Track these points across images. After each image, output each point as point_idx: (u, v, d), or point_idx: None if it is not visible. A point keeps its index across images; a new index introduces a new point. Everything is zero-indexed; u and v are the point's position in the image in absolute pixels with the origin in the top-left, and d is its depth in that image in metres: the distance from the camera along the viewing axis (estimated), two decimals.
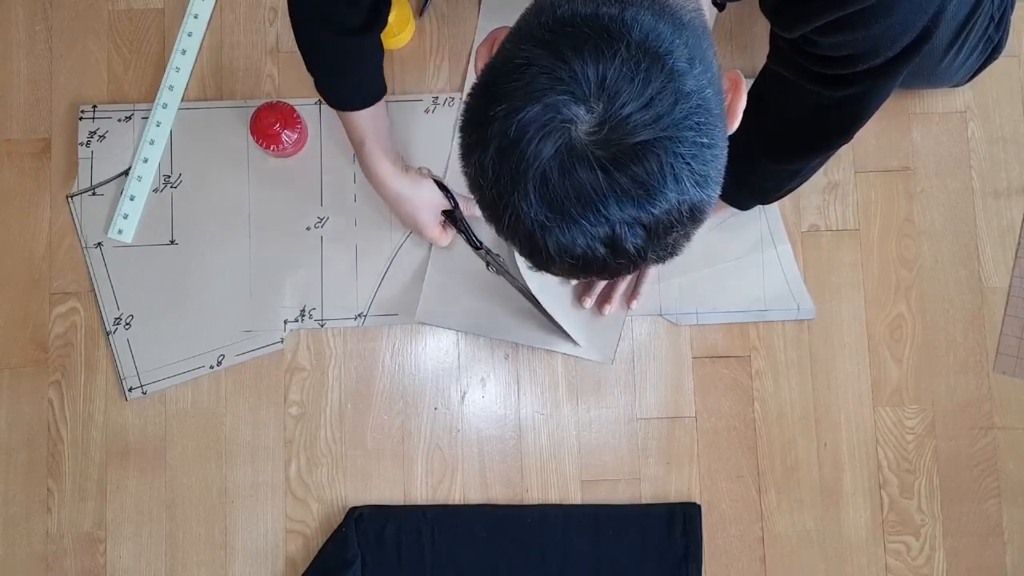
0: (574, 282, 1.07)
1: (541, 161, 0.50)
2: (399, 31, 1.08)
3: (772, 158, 0.89)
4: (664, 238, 0.53)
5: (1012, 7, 0.95)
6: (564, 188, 0.50)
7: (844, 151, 1.10)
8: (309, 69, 0.91)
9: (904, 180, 1.11)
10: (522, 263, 0.76)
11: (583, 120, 0.50)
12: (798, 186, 0.98)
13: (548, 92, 0.50)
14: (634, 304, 1.06)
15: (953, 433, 1.08)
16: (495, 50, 0.57)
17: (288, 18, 0.87)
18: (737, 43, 1.12)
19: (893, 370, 1.08)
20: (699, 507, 1.05)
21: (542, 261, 0.54)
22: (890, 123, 1.11)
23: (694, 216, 0.53)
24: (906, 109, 1.11)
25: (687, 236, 0.55)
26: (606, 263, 0.53)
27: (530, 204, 0.51)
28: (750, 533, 1.06)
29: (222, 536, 1.05)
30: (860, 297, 1.09)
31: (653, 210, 0.50)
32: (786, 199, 1.09)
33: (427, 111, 1.10)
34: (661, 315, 1.08)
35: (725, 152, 0.55)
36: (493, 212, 0.54)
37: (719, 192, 0.54)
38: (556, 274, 0.56)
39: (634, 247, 0.52)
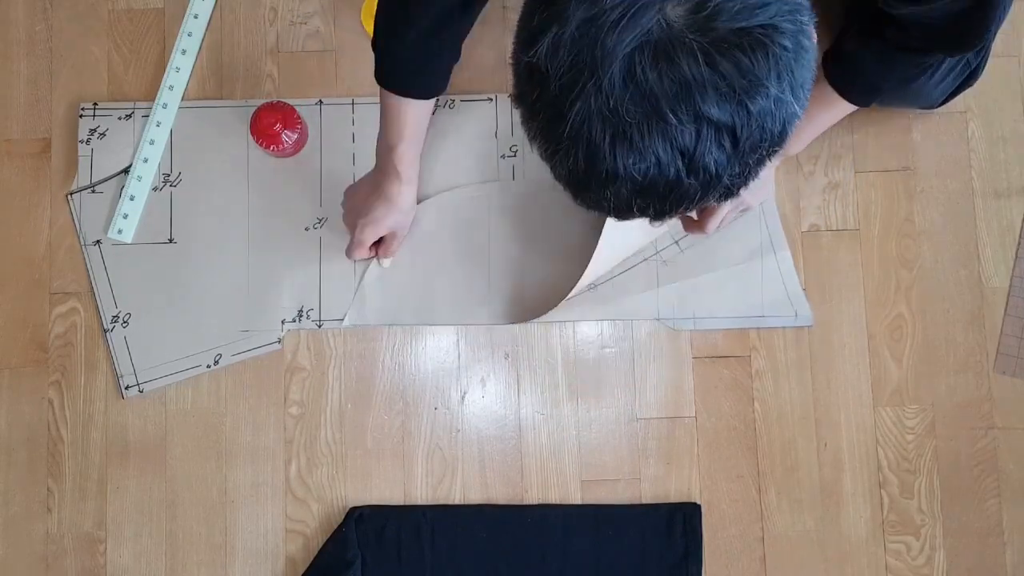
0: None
1: (631, 42, 0.44)
2: None
3: (906, 52, 0.83)
4: (747, 156, 0.48)
5: (994, 35, 0.94)
6: (657, 76, 0.44)
7: (844, 151, 1.11)
8: (380, 43, 0.87)
9: (904, 180, 1.11)
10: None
11: (679, 0, 0.44)
12: (922, 82, 0.93)
13: None
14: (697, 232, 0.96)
15: (953, 433, 1.08)
16: None
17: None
18: None
19: (893, 370, 1.08)
20: (699, 507, 1.05)
21: (600, 180, 0.48)
22: (890, 123, 1.11)
23: (783, 133, 0.48)
24: (906, 109, 1.11)
25: (763, 163, 0.50)
26: (677, 182, 0.47)
27: (611, 95, 0.45)
28: (750, 533, 1.06)
29: (222, 536, 1.05)
30: (860, 297, 1.09)
31: (752, 107, 0.45)
32: (786, 199, 1.10)
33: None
34: (659, 320, 1.08)
35: (814, 71, 0.50)
36: (555, 112, 0.47)
37: (803, 111, 0.50)
38: (606, 201, 0.50)
39: (715, 161, 0.47)
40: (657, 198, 0.49)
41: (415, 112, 0.92)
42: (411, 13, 0.83)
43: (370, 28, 1.07)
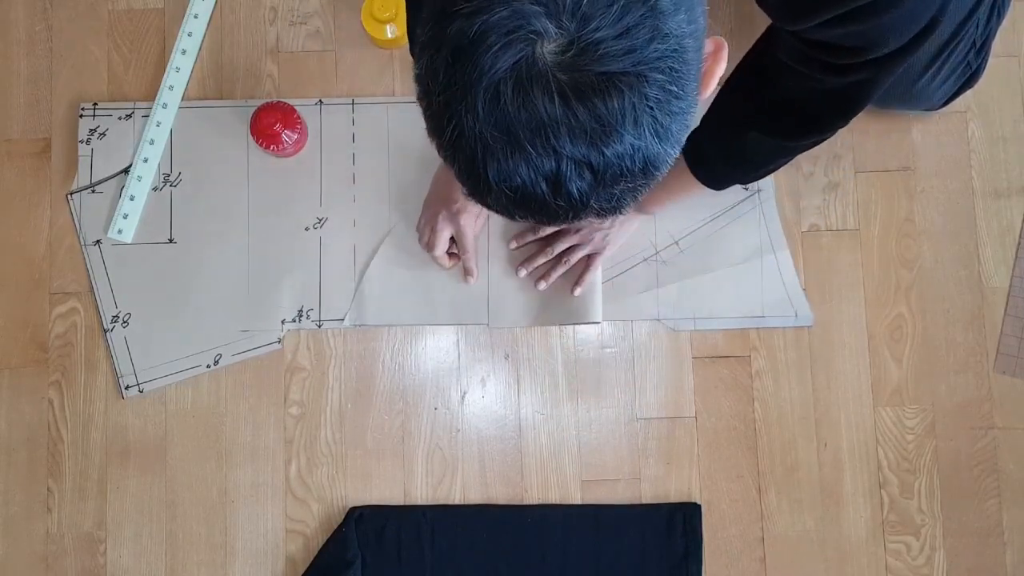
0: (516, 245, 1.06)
1: (497, 71, 0.46)
2: (401, 31, 1.08)
3: (767, 131, 0.86)
4: (611, 187, 0.49)
5: (994, 35, 0.94)
6: (516, 107, 0.46)
7: (844, 151, 1.10)
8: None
9: (904, 180, 1.11)
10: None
11: (551, 36, 0.46)
12: (782, 166, 0.94)
13: None
14: (577, 291, 1.04)
15: (953, 433, 1.08)
16: None
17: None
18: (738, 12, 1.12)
19: (893, 370, 1.08)
20: (699, 507, 1.05)
21: (480, 187, 0.51)
22: (890, 123, 1.11)
23: (646, 171, 0.50)
24: (907, 111, 1.11)
25: (635, 192, 0.51)
26: (545, 202, 0.49)
27: (476, 118, 0.47)
28: (750, 533, 1.06)
29: (222, 536, 1.05)
30: (860, 297, 1.09)
31: (605, 151, 0.47)
32: (786, 199, 1.10)
33: None
34: (659, 320, 1.08)
35: (693, 114, 0.51)
36: (437, 124, 0.50)
37: (677, 152, 0.51)
38: (492, 207, 0.53)
39: (577, 190, 0.48)
40: (532, 212, 0.51)
41: None
42: None
43: (370, 28, 1.07)
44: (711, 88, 0.57)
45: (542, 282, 1.05)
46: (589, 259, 1.05)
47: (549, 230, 1.05)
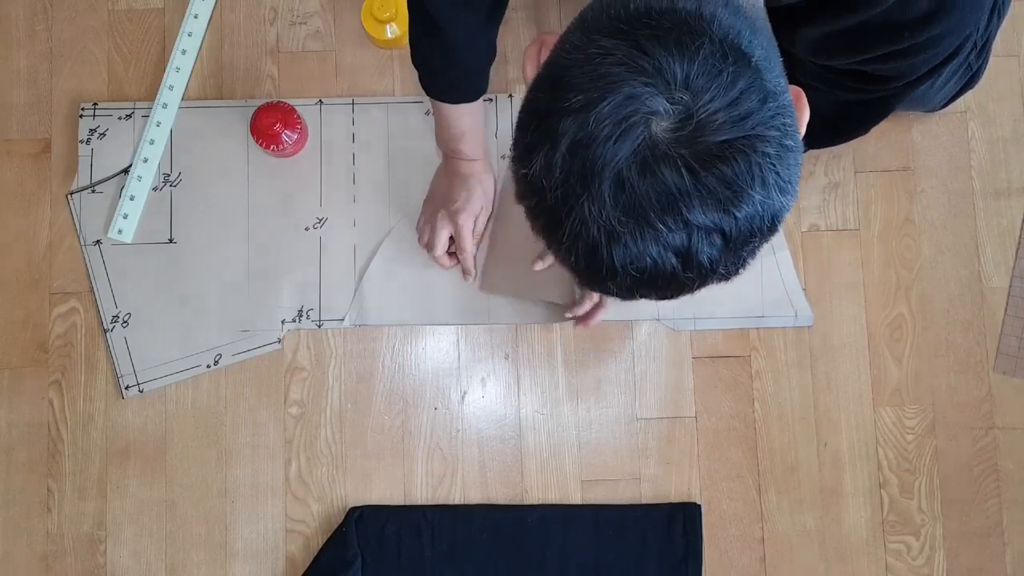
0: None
1: (619, 159, 0.46)
2: (403, 31, 1.08)
3: None
4: (740, 250, 0.50)
5: (994, 36, 0.94)
6: (644, 189, 0.46)
7: (844, 151, 1.11)
8: (418, 59, 0.91)
9: (904, 180, 1.11)
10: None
11: (666, 115, 0.46)
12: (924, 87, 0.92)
13: (629, 82, 0.46)
14: (580, 326, 1.05)
15: (953, 433, 1.08)
16: (549, 51, 0.53)
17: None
18: None
19: (893, 370, 1.08)
20: (699, 507, 1.05)
21: (600, 276, 0.50)
22: (890, 123, 1.11)
23: (773, 225, 0.50)
24: (908, 112, 1.11)
25: (756, 251, 0.52)
26: (673, 276, 0.49)
27: (603, 207, 0.47)
28: (750, 533, 1.06)
29: (222, 536, 1.05)
30: (860, 297, 1.09)
31: (738, 214, 0.47)
32: None
33: (428, 113, 1.10)
34: (659, 320, 1.08)
35: (800, 164, 0.52)
36: (553, 219, 0.49)
37: (794, 202, 0.52)
38: (611, 290, 0.52)
39: (708, 258, 0.48)
40: (657, 289, 0.51)
41: (468, 110, 0.95)
42: (441, 27, 0.85)
43: (370, 28, 1.07)
44: (800, 135, 0.57)
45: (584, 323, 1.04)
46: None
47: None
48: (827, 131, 0.83)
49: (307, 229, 1.09)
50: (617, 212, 0.47)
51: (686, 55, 0.46)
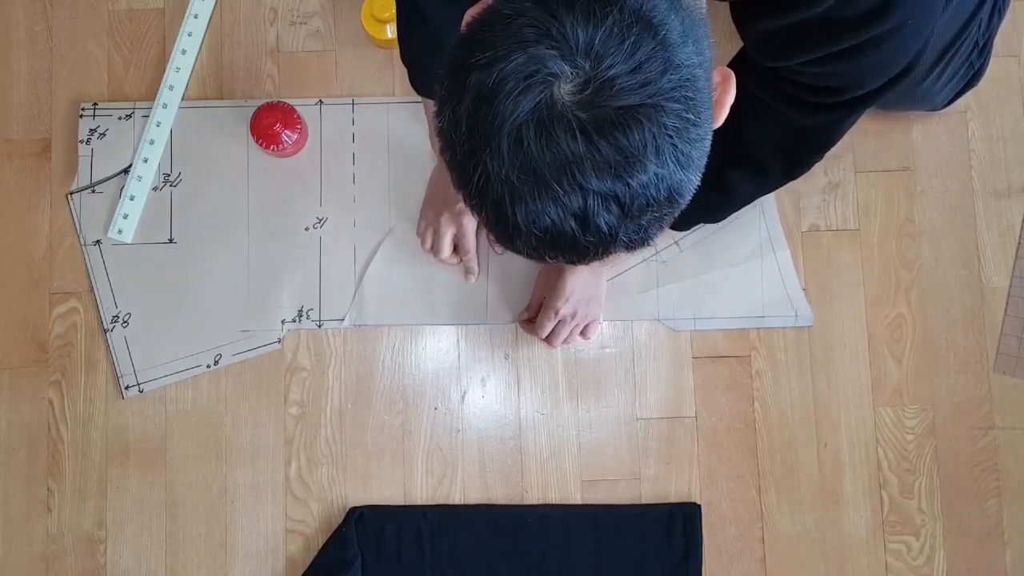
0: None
1: (518, 116, 0.47)
2: None
3: (739, 171, 0.87)
4: (638, 218, 0.50)
5: (995, 35, 0.94)
6: (540, 150, 0.47)
7: (844, 151, 1.11)
8: (406, 58, 0.91)
9: (904, 180, 1.11)
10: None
11: (567, 77, 0.47)
12: (753, 200, 0.96)
13: (535, 44, 0.47)
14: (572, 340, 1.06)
15: (953, 433, 1.08)
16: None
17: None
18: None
19: (893, 370, 1.08)
20: (699, 507, 1.05)
21: (508, 233, 0.52)
22: (890, 123, 1.11)
23: (671, 199, 0.50)
24: (909, 111, 1.11)
25: (661, 222, 0.52)
26: (575, 240, 0.50)
27: (502, 163, 0.48)
28: (750, 533, 1.06)
29: (222, 536, 1.05)
30: (860, 297, 1.09)
31: (631, 182, 0.48)
32: (786, 199, 1.10)
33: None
34: (659, 320, 1.08)
35: (709, 140, 0.53)
36: (462, 174, 0.51)
37: (698, 180, 0.52)
38: (521, 250, 0.54)
39: (606, 224, 0.49)
40: (562, 251, 0.52)
41: None
42: (428, 20, 0.84)
43: (370, 28, 1.07)
44: (723, 117, 0.58)
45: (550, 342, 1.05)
46: (585, 329, 1.06)
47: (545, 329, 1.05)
48: (781, 159, 0.85)
49: (307, 229, 1.09)
50: (515, 170, 0.48)
51: (591, 22, 0.47)
